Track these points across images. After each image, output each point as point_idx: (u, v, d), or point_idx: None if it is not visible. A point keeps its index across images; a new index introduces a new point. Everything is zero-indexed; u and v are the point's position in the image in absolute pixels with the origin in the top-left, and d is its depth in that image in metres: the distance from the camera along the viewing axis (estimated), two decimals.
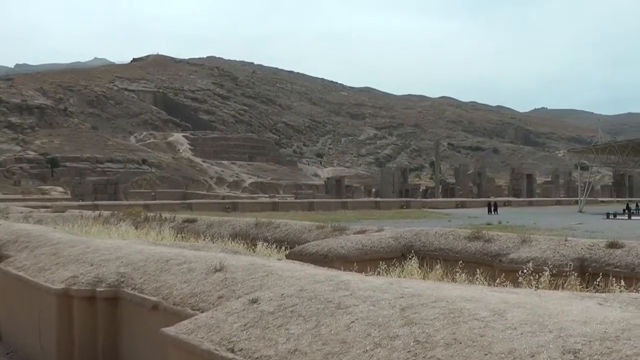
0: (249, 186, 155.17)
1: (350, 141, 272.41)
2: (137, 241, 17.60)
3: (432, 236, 20.34)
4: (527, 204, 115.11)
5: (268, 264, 10.57)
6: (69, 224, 29.71)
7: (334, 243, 19.82)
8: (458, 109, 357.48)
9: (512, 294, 7.57)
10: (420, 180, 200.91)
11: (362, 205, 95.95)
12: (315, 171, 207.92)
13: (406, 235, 20.93)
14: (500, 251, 17.86)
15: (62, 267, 13.03)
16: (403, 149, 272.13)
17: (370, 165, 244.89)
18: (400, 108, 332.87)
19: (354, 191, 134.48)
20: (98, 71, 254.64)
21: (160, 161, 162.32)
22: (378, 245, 19.93)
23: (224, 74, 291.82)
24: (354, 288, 7.85)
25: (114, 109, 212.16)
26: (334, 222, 26.86)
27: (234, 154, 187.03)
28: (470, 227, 34.36)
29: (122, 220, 32.36)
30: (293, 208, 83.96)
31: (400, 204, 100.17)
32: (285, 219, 31.02)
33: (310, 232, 24.53)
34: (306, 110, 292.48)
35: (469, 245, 18.91)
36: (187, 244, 18.81)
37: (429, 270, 16.32)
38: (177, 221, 31.77)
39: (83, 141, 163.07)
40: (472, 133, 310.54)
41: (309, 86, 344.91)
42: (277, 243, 22.95)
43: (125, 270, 11.91)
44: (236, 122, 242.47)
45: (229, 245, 21.34)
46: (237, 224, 28.89)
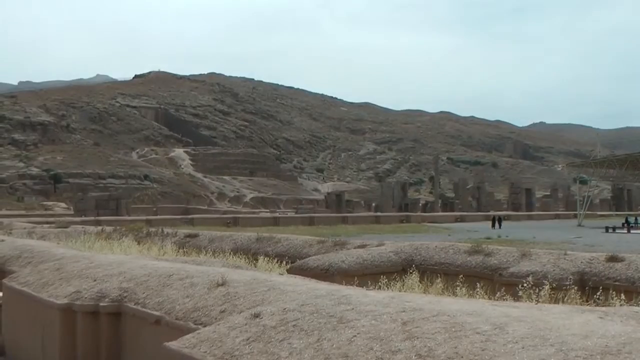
0: (250, 201, 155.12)
1: (350, 156, 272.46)
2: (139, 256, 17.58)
3: (433, 250, 20.32)
4: (526, 217, 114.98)
5: (270, 279, 10.56)
6: (72, 239, 29.69)
7: (335, 258, 19.79)
8: (457, 123, 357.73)
9: (512, 307, 7.56)
10: (420, 194, 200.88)
11: (363, 219, 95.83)
12: (315, 186, 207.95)
13: (406, 249, 20.90)
14: (500, 265, 17.84)
15: (66, 282, 13.02)
16: (402, 164, 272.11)
17: (370, 179, 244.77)
18: (400, 123, 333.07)
19: (354, 206, 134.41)
20: (100, 88, 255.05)
21: (162, 177, 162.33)
22: (379, 260, 19.90)
23: (224, 90, 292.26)
24: (356, 302, 7.84)
25: (116, 125, 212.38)
26: (334, 237, 26.83)
27: (235, 169, 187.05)
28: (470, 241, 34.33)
29: (124, 235, 32.33)
30: (294, 223, 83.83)
31: (400, 218, 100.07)
32: (286, 234, 30.97)
33: (311, 247, 24.50)
34: (306, 125, 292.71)
35: (469, 259, 18.88)
36: (189, 258, 18.78)
37: (429, 284, 16.30)
38: (179, 236, 31.74)
39: (85, 157, 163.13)
40: (471, 147, 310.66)
41: (309, 102, 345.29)
42: (278, 258, 22.92)
43: (128, 285, 11.90)
44: (237, 137, 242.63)
45: (230, 260, 21.30)
46: (239, 238, 28.86)
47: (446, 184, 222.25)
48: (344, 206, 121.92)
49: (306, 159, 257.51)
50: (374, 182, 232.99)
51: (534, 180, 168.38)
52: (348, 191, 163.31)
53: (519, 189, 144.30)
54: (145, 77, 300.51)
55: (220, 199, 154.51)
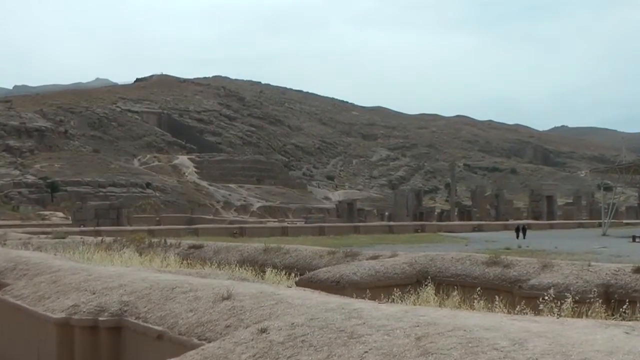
0: (257, 210, 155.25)
1: (362, 163, 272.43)
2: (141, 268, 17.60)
3: (449, 261, 20.29)
4: (548, 227, 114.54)
5: (277, 292, 10.55)
6: (69, 250, 29.75)
7: (346, 269, 19.78)
8: (474, 128, 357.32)
9: (533, 322, 7.52)
10: (435, 202, 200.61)
11: (375, 229, 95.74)
12: (325, 194, 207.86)
13: (421, 260, 20.87)
14: (520, 277, 17.79)
15: (63, 296, 13.03)
16: (417, 171, 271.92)
17: (383, 187, 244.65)
18: (414, 128, 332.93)
19: (366, 215, 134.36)
20: (100, 92, 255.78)
21: (165, 185, 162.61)
22: (392, 271, 19.88)
23: (230, 94, 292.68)
24: (367, 316, 7.82)
25: (116, 131, 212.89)
26: (345, 248, 26.82)
27: (242, 177, 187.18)
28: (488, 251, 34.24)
29: (125, 246, 32.39)
30: (303, 233, 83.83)
31: (414, 227, 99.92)
32: (295, 245, 30.98)
33: (321, 258, 24.50)
34: (316, 131, 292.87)
35: (487, 270, 18.85)
36: (193, 270, 18.80)
37: (445, 297, 16.27)
38: (182, 247, 31.78)
39: (84, 165, 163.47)
40: (489, 153, 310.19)
41: (318, 106, 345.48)
42: (286, 269, 22.92)
43: (128, 299, 11.91)
44: (243, 143, 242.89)
45: (236, 272, 21.32)
46: (245, 249, 28.88)
47: (463, 191, 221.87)
48: (355, 215, 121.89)
49: (316, 166, 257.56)
50: (387, 190, 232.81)
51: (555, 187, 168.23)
52: (360, 199, 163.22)
53: (540, 197, 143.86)
54: (147, 81, 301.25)
55: (226, 208, 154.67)
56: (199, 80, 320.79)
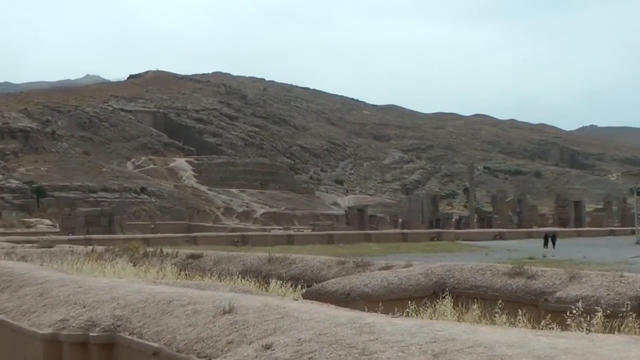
0: (261, 217, 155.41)
1: (373, 166, 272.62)
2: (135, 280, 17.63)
3: (468, 272, 20.27)
4: (576, 234, 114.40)
5: (283, 305, 10.56)
6: (57, 260, 29.80)
7: (356, 280, 19.79)
8: (495, 128, 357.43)
9: (560, 338, 7.51)
10: (453, 208, 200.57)
11: (388, 237, 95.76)
12: (334, 199, 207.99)
13: (438, 271, 20.87)
14: (546, 289, 17.77)
15: (50, 310, 13.05)
16: (433, 174, 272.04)
17: (396, 192, 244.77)
18: (430, 128, 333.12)
19: (378, 222, 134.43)
20: (90, 90, 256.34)
21: (161, 190, 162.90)
22: (406, 283, 19.88)
23: (231, 92, 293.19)
24: (380, 331, 7.82)
25: (108, 132, 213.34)
26: (356, 257, 26.82)
27: (244, 181, 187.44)
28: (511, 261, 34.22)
29: (118, 256, 32.45)
30: (310, 241, 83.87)
31: (430, 235, 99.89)
32: (302, 254, 31.03)
33: (329, 269, 24.53)
34: (324, 131, 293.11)
35: (510, 282, 18.83)
36: (192, 282, 18.83)
37: (464, 310, 16.27)
38: (180, 257, 31.82)
39: (73, 168, 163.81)
40: (511, 155, 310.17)
41: (326, 104, 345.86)
42: (292, 281, 22.96)
43: (122, 313, 11.92)
44: (246, 145, 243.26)
45: (238, 283, 21.35)
46: (248, 259, 28.92)
47: (483, 196, 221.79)
48: (366, 222, 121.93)
49: (324, 169, 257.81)
50: (401, 194, 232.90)
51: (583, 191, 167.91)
52: (371, 205, 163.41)
53: (567, 202, 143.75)
54: (141, 78, 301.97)
55: (227, 215, 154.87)
56: (198, 77, 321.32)
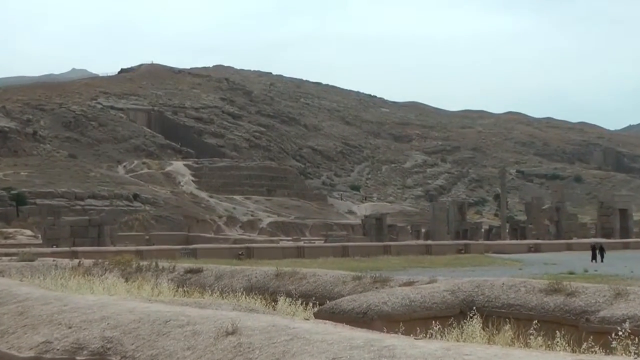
0: (268, 227, 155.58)
1: (393, 169, 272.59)
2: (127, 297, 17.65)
3: (499, 288, 20.26)
4: (621, 246, 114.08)
5: (292, 325, 10.56)
6: (39, 275, 29.85)
7: (374, 298, 19.79)
8: (529, 127, 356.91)
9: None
10: (482, 217, 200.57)
11: (409, 249, 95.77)
12: (349, 207, 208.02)
13: (465, 287, 20.87)
14: (587, 308, 17.74)
15: (32, 330, 13.07)
16: (460, 179, 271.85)
17: (418, 199, 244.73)
18: (456, 127, 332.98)
19: (398, 232, 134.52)
20: (76, 85, 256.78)
21: (156, 197, 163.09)
22: (430, 301, 19.88)
23: (234, 88, 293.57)
24: (401, 355, 7.82)
25: (97, 133, 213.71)
26: (374, 272, 26.85)
27: (249, 186, 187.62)
28: (548, 276, 34.22)
29: (108, 270, 32.53)
30: (322, 254, 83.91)
31: (457, 247, 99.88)
32: (313, 268, 31.07)
33: (344, 285, 24.56)
34: (338, 131, 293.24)
35: (547, 300, 18.80)
36: (191, 300, 18.86)
37: (495, 332, 16.26)
38: (177, 271, 31.89)
39: (58, 172, 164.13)
40: (548, 157, 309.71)
41: (340, 101, 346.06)
42: (303, 298, 23.00)
43: (112, 334, 11.93)
44: (251, 147, 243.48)
45: (243, 301, 21.38)
46: (253, 274, 28.97)
47: (515, 203, 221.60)
48: (385, 233, 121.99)
49: (338, 173, 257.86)
50: (424, 202, 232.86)
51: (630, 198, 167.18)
52: (391, 214, 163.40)
53: (611, 210, 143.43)
54: (134, 72, 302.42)
55: (230, 225, 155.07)
56: (197, 71, 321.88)
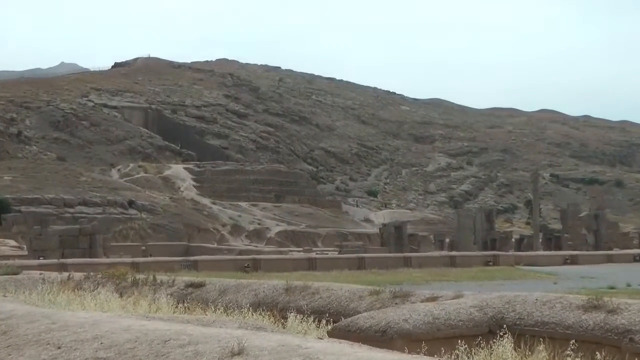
0: (276, 236, 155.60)
1: (414, 173, 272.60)
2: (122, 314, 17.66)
3: (532, 305, 20.23)
4: None
5: (304, 345, 10.54)
6: (25, 290, 29.89)
7: (394, 315, 19.77)
8: (564, 126, 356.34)
9: None
10: (513, 226, 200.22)
11: (432, 261, 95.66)
12: (366, 215, 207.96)
13: (495, 303, 20.85)
14: (631, 326, 17.69)
15: (17, 352, 13.08)
16: (487, 184, 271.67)
17: (442, 206, 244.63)
18: (483, 127, 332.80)
19: (420, 242, 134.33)
20: (66, 81, 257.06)
21: (154, 203, 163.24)
22: (456, 318, 19.86)
23: (240, 83, 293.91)
24: None
25: (88, 133, 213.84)
26: (393, 286, 26.88)
27: (255, 192, 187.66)
28: (586, 291, 34.14)
29: (100, 284, 32.58)
30: (336, 266, 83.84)
31: (484, 259, 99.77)
32: (327, 282, 31.08)
33: (361, 300, 24.56)
34: (353, 131, 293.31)
35: (585, 317, 18.76)
36: (193, 317, 18.86)
37: (527, 353, 16.24)
38: (177, 286, 31.94)
39: (45, 177, 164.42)
40: (585, 160, 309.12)
41: (356, 99, 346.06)
42: (315, 315, 22.98)
43: (106, 355, 11.93)
44: (257, 148, 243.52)
45: (249, 318, 21.40)
46: (261, 288, 29.00)
47: (549, 210, 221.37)
48: (406, 243, 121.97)
49: (353, 177, 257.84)
50: (448, 209, 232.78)
51: None
52: (412, 222, 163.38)
53: None
54: (129, 66, 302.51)
55: (235, 234, 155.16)
56: (199, 65, 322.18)
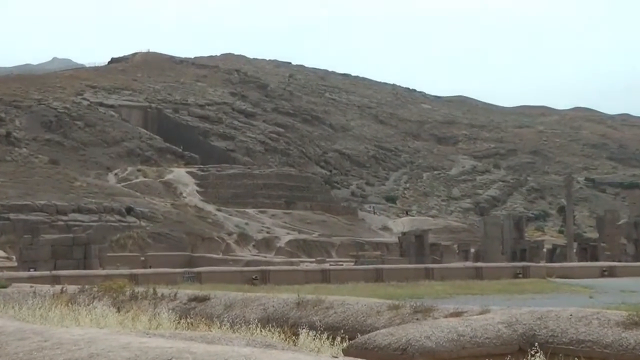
0: (286, 246, 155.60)
1: (436, 177, 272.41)
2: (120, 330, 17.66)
3: (566, 321, 20.17)
4: None
5: None
6: (14, 304, 29.97)
7: (415, 331, 19.74)
8: (601, 125, 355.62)
9: None
10: (544, 235, 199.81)
11: (456, 273, 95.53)
12: (384, 223, 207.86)
13: (525, 319, 20.79)
14: None
15: None
16: (516, 189, 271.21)
17: (466, 212, 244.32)
18: (512, 126, 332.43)
19: (442, 252, 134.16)
20: (59, 78, 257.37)
21: (154, 210, 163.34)
22: (482, 335, 19.81)
23: (247, 80, 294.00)
24: None
25: (83, 134, 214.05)
26: (414, 300, 26.84)
27: (264, 198, 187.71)
28: (626, 307, 33.97)
29: (96, 298, 32.62)
30: (352, 278, 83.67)
31: (513, 271, 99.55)
32: (341, 295, 31.05)
33: (379, 315, 24.53)
34: (370, 132, 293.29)
35: (625, 335, 18.70)
36: (196, 334, 18.83)
37: None
38: (179, 299, 31.96)
39: (36, 182, 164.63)
40: (624, 162, 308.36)
41: (373, 96, 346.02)
42: (329, 331, 22.96)
43: None
44: (266, 151, 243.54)
45: (257, 335, 21.38)
46: (270, 303, 28.99)
47: (585, 218, 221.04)
48: (427, 253, 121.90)
49: (370, 182, 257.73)
50: (473, 216, 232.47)
51: None
52: (434, 230, 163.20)
53: None
54: (127, 62, 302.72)
55: (242, 244, 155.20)
56: (203, 60, 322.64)
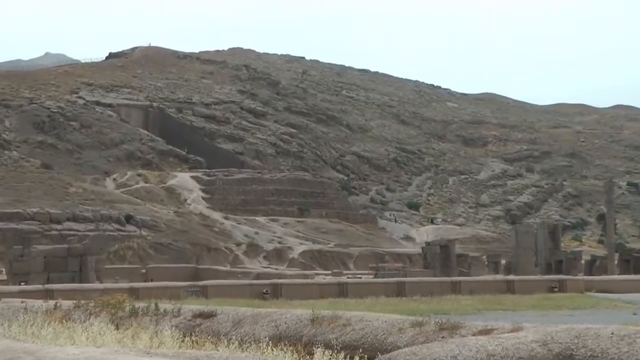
0: (300, 257, 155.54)
1: (463, 182, 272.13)
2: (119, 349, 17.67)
3: (607, 340, 20.12)
4: None
5: None
6: (4, 321, 30.01)
7: (441, 351, 19.73)
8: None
9: None
10: (582, 245, 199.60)
11: (485, 287, 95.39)
12: (406, 232, 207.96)
13: (561, 337, 20.75)
14: None
15: None
16: (551, 194, 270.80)
17: (496, 220, 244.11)
18: (546, 126, 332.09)
19: (470, 264, 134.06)
20: (52, 75, 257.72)
21: (156, 218, 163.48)
22: (515, 355, 19.80)
23: (257, 77, 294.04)
24: None
25: (78, 136, 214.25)
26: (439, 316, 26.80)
27: (275, 205, 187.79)
28: None
29: (93, 314, 32.63)
30: (371, 292, 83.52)
31: (548, 284, 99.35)
32: (360, 311, 31.02)
33: (401, 333, 24.51)
34: (391, 133, 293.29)
35: None
36: (202, 353, 18.85)
37: None
38: (183, 316, 31.97)
39: (27, 188, 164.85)
40: None
41: (394, 94, 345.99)
42: (346, 350, 22.97)
43: None
44: (278, 153, 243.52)
45: (269, 354, 21.40)
46: (282, 319, 28.99)
47: (627, 226, 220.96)
48: (454, 265, 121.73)
49: (391, 187, 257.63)
50: (504, 225, 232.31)
51: None
52: (460, 240, 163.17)
53: None
54: (126, 57, 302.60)
55: (252, 255, 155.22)
56: (209, 55, 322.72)
